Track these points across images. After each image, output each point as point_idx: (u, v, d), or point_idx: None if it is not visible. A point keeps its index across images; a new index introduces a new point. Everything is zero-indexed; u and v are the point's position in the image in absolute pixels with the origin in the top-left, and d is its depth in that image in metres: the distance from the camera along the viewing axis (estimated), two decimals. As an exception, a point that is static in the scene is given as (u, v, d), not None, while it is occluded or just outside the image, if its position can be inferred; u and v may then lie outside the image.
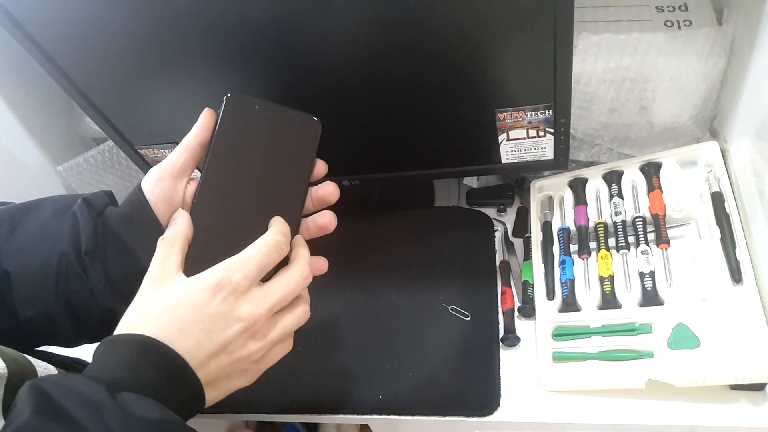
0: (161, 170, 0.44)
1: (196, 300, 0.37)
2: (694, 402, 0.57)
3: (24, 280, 0.41)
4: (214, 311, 0.37)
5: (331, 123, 0.49)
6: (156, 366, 0.34)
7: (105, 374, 0.33)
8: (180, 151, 0.44)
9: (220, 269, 0.39)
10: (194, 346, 0.36)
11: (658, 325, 0.59)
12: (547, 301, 0.65)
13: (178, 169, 0.44)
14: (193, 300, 0.37)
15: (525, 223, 0.76)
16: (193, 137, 0.45)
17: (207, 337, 0.37)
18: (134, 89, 0.63)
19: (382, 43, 0.55)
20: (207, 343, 0.37)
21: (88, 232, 0.41)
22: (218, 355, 0.37)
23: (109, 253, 0.42)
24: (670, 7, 0.67)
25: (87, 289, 0.41)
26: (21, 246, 0.41)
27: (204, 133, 0.45)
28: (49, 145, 0.87)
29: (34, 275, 0.41)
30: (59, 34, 0.57)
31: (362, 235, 0.80)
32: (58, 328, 0.42)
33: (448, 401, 0.62)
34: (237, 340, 0.38)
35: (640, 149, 0.71)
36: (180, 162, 0.44)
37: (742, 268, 0.58)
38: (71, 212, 0.42)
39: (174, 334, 0.36)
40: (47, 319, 0.41)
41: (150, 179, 0.44)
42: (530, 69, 0.56)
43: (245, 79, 0.60)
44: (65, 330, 0.43)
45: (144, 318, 0.37)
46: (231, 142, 0.45)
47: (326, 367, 0.69)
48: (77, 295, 0.41)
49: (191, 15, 0.54)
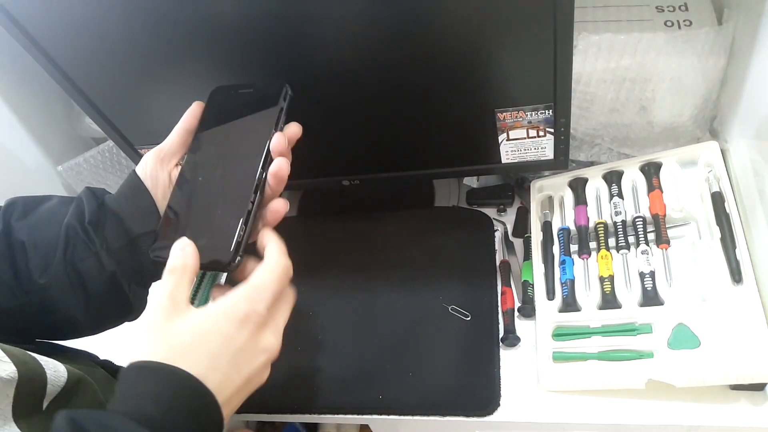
0: (150, 155, 0.48)
1: (225, 333, 0.37)
2: (694, 402, 0.57)
3: (36, 251, 0.44)
4: (242, 345, 0.38)
5: (331, 123, 0.50)
6: (189, 406, 0.35)
7: (137, 412, 0.33)
8: (169, 138, 0.49)
9: (242, 300, 0.39)
10: (223, 381, 0.37)
11: (658, 325, 0.59)
12: (547, 301, 0.65)
13: (165, 152, 0.48)
14: (221, 333, 0.37)
15: (525, 223, 0.76)
16: (180, 123, 0.49)
17: (236, 372, 0.38)
18: (134, 89, 0.63)
19: (382, 44, 0.55)
20: (236, 377, 0.38)
21: (91, 209, 0.45)
22: (242, 388, 0.38)
23: (107, 227, 0.45)
24: (670, 7, 0.67)
25: (93, 254, 0.44)
26: (33, 223, 0.45)
27: (191, 120, 0.49)
28: (49, 145, 0.87)
29: (45, 245, 0.44)
30: (59, 34, 0.57)
31: (362, 235, 0.80)
32: (67, 300, 0.44)
33: (448, 401, 0.62)
34: (260, 371, 0.40)
35: (640, 149, 0.71)
36: (167, 146, 0.48)
37: (742, 268, 0.58)
38: (76, 198, 0.47)
39: (207, 370, 0.36)
40: (58, 288, 0.44)
41: (141, 162, 0.48)
42: (530, 69, 0.56)
43: (245, 79, 0.60)
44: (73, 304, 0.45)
45: (169, 350, 0.36)
46: (210, 127, 0.49)
47: (326, 367, 0.69)
48: (83, 262, 0.44)
49: (191, 15, 0.54)
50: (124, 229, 0.45)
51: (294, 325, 0.73)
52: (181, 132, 0.49)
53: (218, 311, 0.38)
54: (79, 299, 0.45)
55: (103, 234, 0.45)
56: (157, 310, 0.38)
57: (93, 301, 0.45)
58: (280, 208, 0.45)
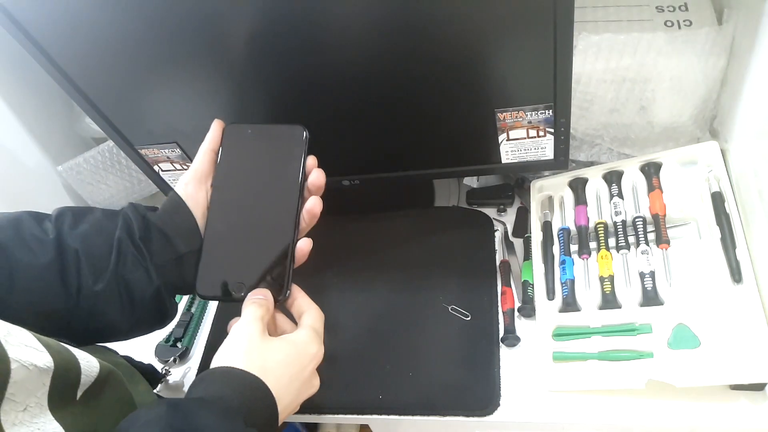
0: (188, 176, 0.52)
1: (302, 365, 0.47)
2: (694, 402, 0.57)
3: (89, 260, 0.46)
4: (308, 376, 0.49)
5: (331, 123, 0.50)
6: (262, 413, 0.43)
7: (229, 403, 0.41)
8: (200, 159, 0.53)
9: (312, 342, 0.49)
10: (288, 404, 0.46)
11: (658, 325, 0.59)
12: (547, 301, 0.65)
13: (200, 173, 0.52)
14: (300, 365, 0.47)
15: (525, 223, 0.76)
16: (208, 145, 0.54)
17: (297, 397, 0.47)
18: (134, 89, 0.63)
19: (381, 44, 0.55)
20: (295, 402, 0.47)
21: (139, 225, 0.49)
22: (291, 411, 0.48)
23: (154, 243, 0.49)
24: (670, 7, 0.67)
25: (142, 268, 0.48)
26: (84, 234, 0.47)
27: (216, 141, 0.54)
28: (49, 145, 0.87)
29: (98, 255, 0.47)
30: (59, 34, 0.57)
31: (362, 235, 0.80)
32: (113, 307, 0.47)
33: (448, 401, 0.62)
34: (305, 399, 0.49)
35: (640, 149, 0.71)
36: (201, 168, 0.53)
37: (742, 268, 0.58)
38: (120, 213, 0.50)
39: (282, 389, 0.45)
40: (107, 296, 0.47)
41: (180, 185, 0.52)
42: (530, 69, 0.56)
43: (245, 79, 0.60)
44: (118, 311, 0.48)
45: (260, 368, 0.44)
46: (232, 163, 0.53)
47: (326, 367, 0.68)
48: (133, 274, 0.47)
49: (191, 15, 0.54)
50: (171, 246, 0.49)
51: (294, 325, 0.73)
52: (210, 153, 0.53)
53: (298, 346, 0.48)
54: (124, 307, 0.48)
55: (150, 249, 0.48)
56: (254, 334, 0.46)
57: (136, 310, 0.48)
58: (316, 208, 0.52)
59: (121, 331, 0.50)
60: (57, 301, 0.45)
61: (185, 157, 0.71)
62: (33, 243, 0.45)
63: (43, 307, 0.45)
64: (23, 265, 0.44)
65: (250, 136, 0.54)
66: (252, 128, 0.54)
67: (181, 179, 0.52)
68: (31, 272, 0.44)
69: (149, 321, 0.51)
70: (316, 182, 0.52)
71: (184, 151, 0.70)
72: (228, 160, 0.53)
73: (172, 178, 0.76)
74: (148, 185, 0.89)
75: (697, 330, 0.57)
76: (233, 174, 0.53)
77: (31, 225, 0.46)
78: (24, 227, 0.46)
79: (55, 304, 0.45)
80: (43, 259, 0.45)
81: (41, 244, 0.45)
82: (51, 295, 0.45)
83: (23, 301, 0.44)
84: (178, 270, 0.50)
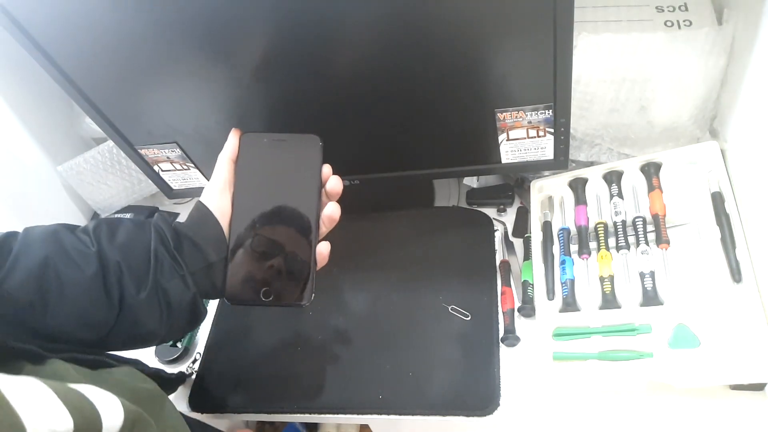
0: (213, 186, 0.54)
1: None
2: (694, 402, 0.57)
3: (131, 271, 0.48)
4: None
5: (331, 123, 0.50)
6: None
7: None
8: (222, 168, 0.54)
9: None
10: None
11: (658, 325, 0.59)
12: (547, 301, 0.65)
13: (224, 183, 0.54)
14: None
15: (525, 223, 0.76)
16: (228, 154, 0.55)
17: None
18: (134, 89, 0.63)
19: (381, 44, 0.55)
20: None
21: (171, 235, 0.51)
22: None
23: (185, 252, 0.51)
24: (670, 7, 0.67)
25: (179, 277, 0.50)
26: (123, 246, 0.49)
27: (235, 150, 0.55)
28: (49, 145, 0.87)
29: (137, 266, 0.49)
30: (60, 34, 0.57)
31: (362, 235, 0.80)
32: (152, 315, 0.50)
33: (448, 401, 0.62)
34: None
35: (640, 149, 0.71)
36: (225, 177, 0.54)
37: (742, 268, 0.58)
38: (150, 224, 0.52)
39: None
40: (148, 305, 0.49)
41: (206, 195, 0.54)
42: (530, 69, 0.56)
43: (244, 79, 0.60)
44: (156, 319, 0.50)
45: None
46: (250, 171, 0.55)
47: (326, 367, 0.69)
48: (170, 283, 0.50)
49: (191, 15, 0.54)
50: (202, 255, 0.51)
51: (294, 325, 0.73)
52: (229, 162, 0.55)
53: None
54: (162, 315, 0.50)
55: (184, 258, 0.51)
56: None
57: (173, 316, 0.51)
58: (335, 214, 0.54)
59: (157, 336, 0.52)
60: (101, 312, 0.47)
61: (185, 157, 0.71)
62: (77, 256, 0.47)
63: (88, 318, 0.47)
64: (71, 278, 0.46)
65: (267, 144, 0.55)
66: (268, 137, 0.55)
67: (206, 190, 0.54)
68: (78, 285, 0.46)
69: (183, 325, 0.53)
70: (335, 189, 0.55)
71: (184, 151, 0.70)
72: (247, 168, 0.55)
73: (172, 178, 0.76)
74: (148, 185, 0.89)
75: (697, 330, 0.57)
76: (253, 182, 0.54)
77: (70, 238, 0.48)
78: (65, 241, 0.47)
79: (99, 314, 0.47)
80: (88, 271, 0.46)
81: (85, 258, 0.47)
82: (96, 305, 0.47)
83: (71, 313, 0.46)
84: (209, 277, 0.52)
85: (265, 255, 0.53)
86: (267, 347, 0.73)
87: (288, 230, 0.53)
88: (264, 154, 0.55)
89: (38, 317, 0.45)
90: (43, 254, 0.46)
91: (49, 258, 0.46)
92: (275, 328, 0.74)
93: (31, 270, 0.45)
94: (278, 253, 0.53)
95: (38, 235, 0.47)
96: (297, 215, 0.53)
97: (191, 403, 0.70)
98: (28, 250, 0.46)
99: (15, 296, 0.44)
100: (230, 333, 0.75)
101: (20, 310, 0.44)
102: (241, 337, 0.75)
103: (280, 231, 0.53)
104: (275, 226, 0.53)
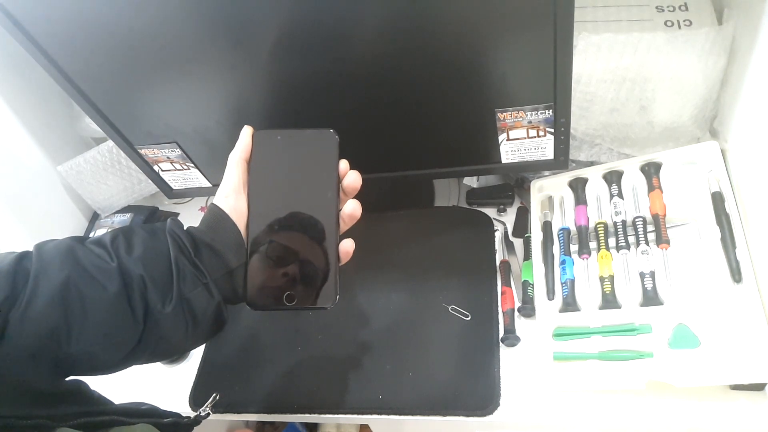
0: (227, 188, 0.51)
1: None
2: (694, 402, 0.57)
3: (155, 284, 0.46)
4: None
5: (330, 123, 0.50)
6: None
7: None
8: (235, 169, 0.51)
9: None
10: None
11: (658, 325, 0.59)
12: (547, 301, 0.65)
13: (239, 184, 0.51)
14: None
15: (525, 223, 0.76)
16: (241, 154, 0.52)
17: None
18: (134, 89, 0.63)
19: (381, 44, 0.55)
20: None
21: (188, 242, 0.48)
22: None
23: (204, 259, 0.48)
24: (670, 7, 0.67)
25: (202, 285, 0.47)
26: (142, 258, 0.47)
27: (248, 149, 0.52)
28: (49, 145, 0.87)
29: (160, 278, 0.46)
30: (59, 34, 0.57)
31: (362, 235, 0.80)
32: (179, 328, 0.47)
33: (448, 401, 0.62)
34: None
35: (640, 149, 0.71)
36: (240, 178, 0.51)
37: (742, 268, 0.58)
38: (163, 231, 0.49)
39: None
40: (174, 318, 0.47)
41: (219, 197, 0.51)
42: (530, 69, 0.56)
43: (244, 79, 0.60)
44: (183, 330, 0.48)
45: None
46: (265, 169, 0.52)
47: (326, 366, 0.69)
48: (193, 292, 0.47)
49: (191, 14, 0.54)
50: (222, 261, 0.49)
51: (294, 325, 0.73)
52: (243, 162, 0.52)
53: None
54: (188, 326, 0.48)
55: (204, 266, 0.48)
56: None
57: (198, 327, 0.49)
58: (357, 211, 0.53)
59: (182, 349, 0.51)
60: (126, 330, 0.45)
61: (185, 157, 0.71)
62: (97, 273, 0.44)
63: (113, 338, 0.45)
64: (94, 298, 0.44)
65: (280, 142, 0.52)
66: (281, 134, 0.53)
67: (219, 192, 0.51)
68: (102, 304, 0.44)
69: (208, 333, 0.51)
70: (353, 184, 0.52)
71: (184, 151, 0.70)
72: (261, 168, 0.52)
73: (172, 178, 0.76)
74: (148, 185, 0.89)
75: (697, 330, 0.57)
76: (269, 182, 0.52)
77: (87, 254, 0.45)
78: (82, 258, 0.45)
79: (124, 332, 0.45)
80: (111, 288, 0.44)
81: (106, 274, 0.45)
82: (121, 324, 0.45)
83: (96, 335, 0.44)
84: (230, 284, 0.49)
85: (286, 258, 0.50)
86: (267, 347, 0.73)
87: (308, 231, 0.51)
88: (278, 152, 0.52)
89: (62, 344, 0.42)
90: (64, 275, 0.43)
91: (71, 278, 0.43)
92: (275, 328, 0.74)
93: (54, 294, 0.42)
94: (299, 255, 0.50)
95: (54, 254, 0.44)
96: (316, 215, 0.51)
97: (191, 402, 0.70)
98: (47, 272, 0.43)
99: (38, 323, 0.41)
100: (230, 333, 0.75)
101: (42, 338, 0.41)
102: (241, 336, 0.75)
103: (299, 232, 0.51)
104: (294, 227, 0.51)
